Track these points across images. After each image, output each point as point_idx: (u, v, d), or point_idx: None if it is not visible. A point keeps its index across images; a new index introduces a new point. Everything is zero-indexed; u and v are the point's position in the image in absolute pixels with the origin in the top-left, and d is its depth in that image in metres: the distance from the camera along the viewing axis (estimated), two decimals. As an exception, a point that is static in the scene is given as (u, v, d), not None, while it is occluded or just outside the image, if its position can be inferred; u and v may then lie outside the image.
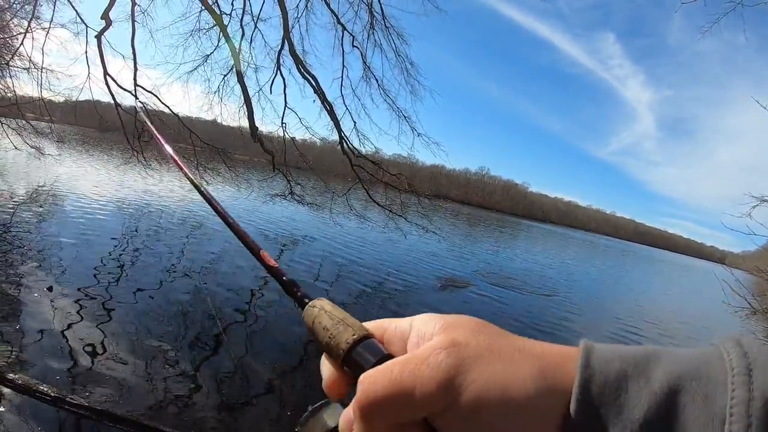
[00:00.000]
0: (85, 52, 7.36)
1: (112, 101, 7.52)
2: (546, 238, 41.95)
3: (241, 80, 7.78)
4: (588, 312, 9.97)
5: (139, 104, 7.50)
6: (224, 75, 8.76)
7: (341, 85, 8.88)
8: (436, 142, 8.97)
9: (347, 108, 8.87)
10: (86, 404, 2.62)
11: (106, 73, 7.22)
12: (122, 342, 3.71)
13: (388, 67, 9.47)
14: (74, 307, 4.16)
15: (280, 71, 8.66)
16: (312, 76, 8.34)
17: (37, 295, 4.20)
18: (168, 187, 14.78)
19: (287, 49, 8.19)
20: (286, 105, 8.65)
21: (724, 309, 5.90)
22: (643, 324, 9.64)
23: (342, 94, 8.88)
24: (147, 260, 6.34)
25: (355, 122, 8.86)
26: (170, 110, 7.91)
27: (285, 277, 0.40)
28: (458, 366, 0.26)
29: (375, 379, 0.27)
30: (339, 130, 8.64)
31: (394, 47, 8.58)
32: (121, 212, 9.47)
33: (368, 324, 0.34)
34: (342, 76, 8.85)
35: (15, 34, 7.92)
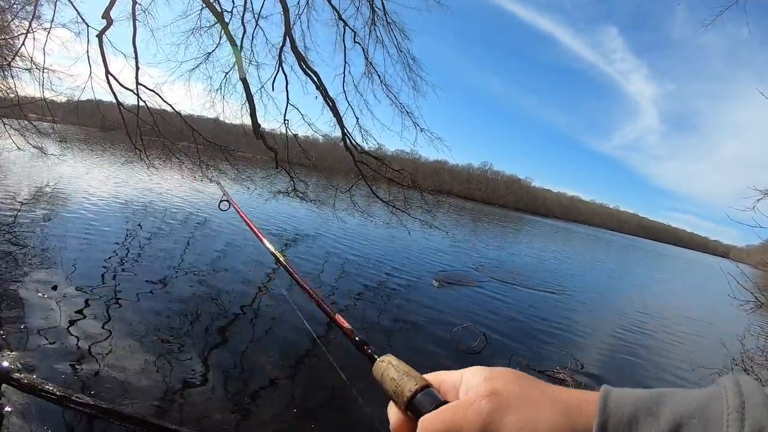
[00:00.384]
0: (87, 52, 7.33)
1: (114, 100, 7.51)
2: (550, 233, 41.77)
3: (244, 82, 7.77)
4: (594, 308, 9.92)
5: (141, 103, 7.50)
6: (226, 73, 8.76)
7: (343, 81, 8.87)
8: (438, 138, 8.93)
9: (350, 104, 8.85)
10: (92, 403, 2.62)
11: (107, 72, 7.21)
12: (128, 340, 3.72)
13: (390, 63, 9.40)
14: (79, 306, 4.17)
15: (282, 68, 8.65)
16: (314, 72, 8.32)
17: (41, 294, 4.21)
18: (171, 186, 14.81)
19: (289, 45, 8.16)
20: (288, 102, 8.65)
21: (729, 303, 5.84)
22: (649, 320, 9.59)
23: (344, 91, 8.87)
24: (151, 258, 6.35)
25: (357, 118, 8.85)
26: (173, 108, 7.89)
27: (357, 338, 0.48)
28: (497, 411, 0.31)
29: (432, 422, 0.34)
30: (341, 126, 8.61)
31: (395, 43, 8.54)
32: (125, 211, 9.49)
33: (427, 375, 0.40)
34: (344, 73, 8.83)
35: (16, 34, 7.91)
